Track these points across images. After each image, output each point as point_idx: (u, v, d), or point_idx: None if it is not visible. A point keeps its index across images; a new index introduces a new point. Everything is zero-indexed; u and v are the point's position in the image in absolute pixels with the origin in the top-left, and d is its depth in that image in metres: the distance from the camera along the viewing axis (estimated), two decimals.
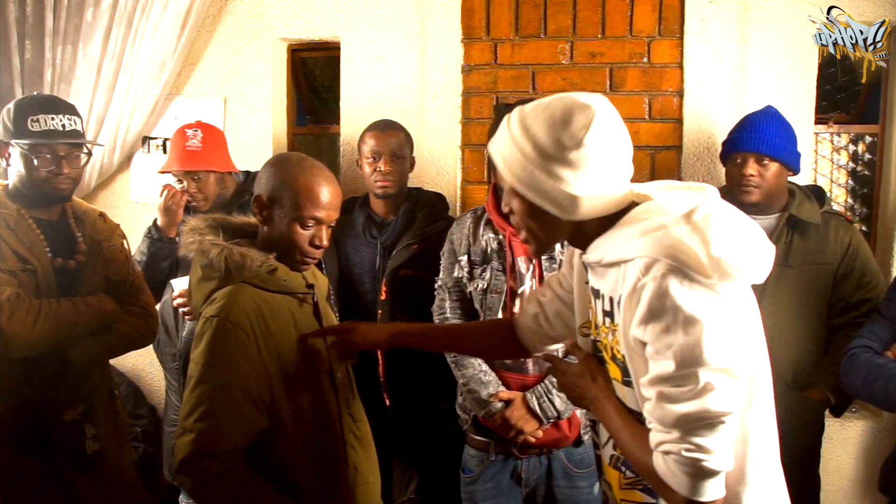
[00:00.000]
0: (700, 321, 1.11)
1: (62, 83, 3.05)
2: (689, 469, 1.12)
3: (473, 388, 2.13)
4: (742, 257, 1.14)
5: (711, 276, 1.12)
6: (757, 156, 2.22)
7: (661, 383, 1.14)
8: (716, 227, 1.14)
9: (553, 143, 1.20)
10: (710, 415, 1.11)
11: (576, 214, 1.23)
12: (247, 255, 1.56)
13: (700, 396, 1.11)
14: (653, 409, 1.16)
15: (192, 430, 1.46)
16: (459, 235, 2.26)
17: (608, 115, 1.23)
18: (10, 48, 3.02)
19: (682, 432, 1.12)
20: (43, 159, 2.01)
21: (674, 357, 1.12)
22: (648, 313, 1.14)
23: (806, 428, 2.30)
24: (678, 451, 1.12)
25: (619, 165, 1.24)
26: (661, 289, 1.13)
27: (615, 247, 1.22)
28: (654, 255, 1.15)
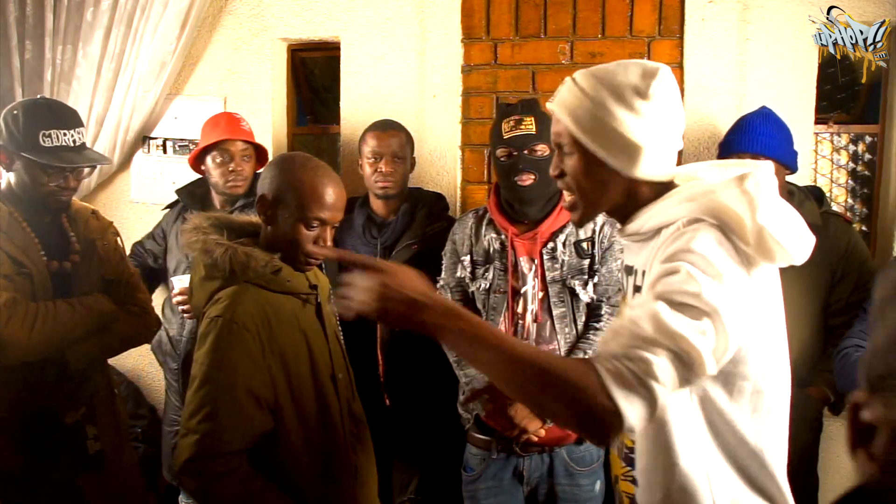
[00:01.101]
0: (726, 277, 1.08)
1: (62, 83, 3.05)
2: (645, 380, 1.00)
3: (476, 387, 2.13)
4: (784, 233, 1.12)
5: (751, 244, 1.10)
6: (753, 156, 2.23)
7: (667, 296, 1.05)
8: (765, 197, 1.12)
9: (625, 89, 1.21)
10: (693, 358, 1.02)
11: (634, 168, 1.22)
12: (251, 255, 1.56)
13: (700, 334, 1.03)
14: (640, 314, 1.05)
15: (196, 430, 1.46)
16: (461, 235, 2.26)
17: (672, 78, 1.26)
18: (10, 48, 3.02)
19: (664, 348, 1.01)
20: (52, 176, 2.00)
21: (697, 286, 1.05)
22: (680, 250, 1.10)
23: (805, 426, 2.30)
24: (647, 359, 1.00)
25: (677, 127, 1.26)
26: (698, 236, 1.11)
27: (657, 213, 1.22)
28: (698, 215, 1.15)
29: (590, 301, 2.13)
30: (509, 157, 2.12)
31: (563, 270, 2.13)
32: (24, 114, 2.00)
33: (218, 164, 2.55)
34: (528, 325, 2.14)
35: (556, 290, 2.13)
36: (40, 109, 2.04)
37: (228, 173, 2.54)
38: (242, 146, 2.58)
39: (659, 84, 1.22)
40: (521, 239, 2.17)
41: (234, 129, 2.60)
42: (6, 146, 2.00)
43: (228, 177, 2.54)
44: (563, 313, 2.13)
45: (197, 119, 2.85)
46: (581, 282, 2.12)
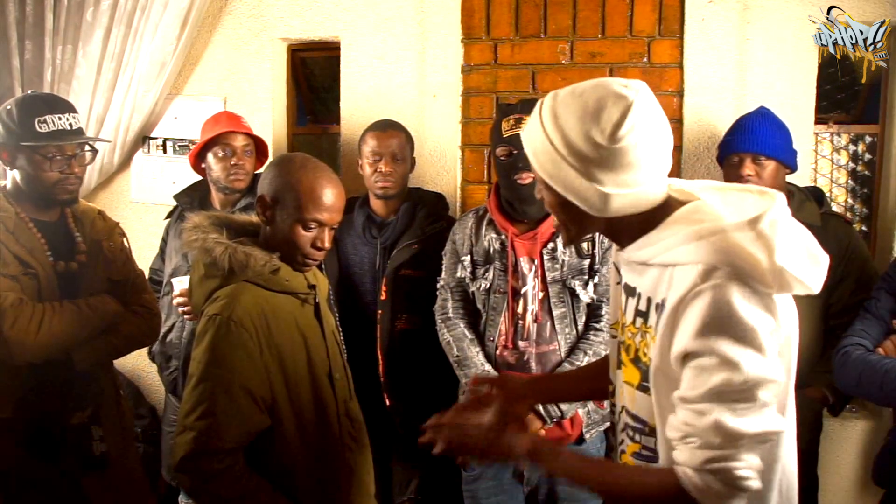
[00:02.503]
0: (761, 335, 1.08)
1: (62, 83, 3.05)
2: (734, 486, 1.07)
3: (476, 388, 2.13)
4: (802, 267, 1.10)
5: (772, 285, 1.08)
6: (753, 156, 2.24)
7: (719, 398, 1.07)
8: (782, 236, 1.09)
9: (583, 139, 1.13)
10: (769, 433, 1.09)
11: (606, 212, 1.16)
12: (251, 254, 1.57)
13: (761, 412, 1.08)
14: (702, 423, 1.08)
15: (193, 428, 1.46)
16: (462, 235, 2.26)
17: (645, 106, 1.14)
18: (10, 48, 3.02)
19: (740, 449, 1.07)
20: (54, 161, 2.00)
21: (740, 372, 1.06)
22: (710, 324, 1.08)
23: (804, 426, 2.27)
24: (730, 467, 1.07)
25: (655, 161, 1.15)
26: (723, 299, 1.08)
27: (665, 248, 1.16)
28: (713, 261, 1.10)
29: (590, 301, 2.13)
30: (509, 155, 2.12)
31: (564, 270, 2.13)
32: (18, 106, 2.02)
33: (220, 159, 2.55)
34: (528, 325, 2.14)
35: (557, 290, 2.13)
36: (32, 99, 2.06)
37: (230, 167, 2.54)
38: (244, 141, 2.58)
39: (628, 124, 1.11)
40: (521, 239, 2.17)
41: (235, 123, 2.60)
42: (5, 142, 2.01)
43: (230, 171, 2.54)
44: (564, 313, 2.13)
45: (197, 119, 2.85)
46: (581, 282, 2.12)
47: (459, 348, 2.19)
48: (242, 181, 2.57)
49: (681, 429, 1.11)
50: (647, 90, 1.16)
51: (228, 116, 2.67)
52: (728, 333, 1.07)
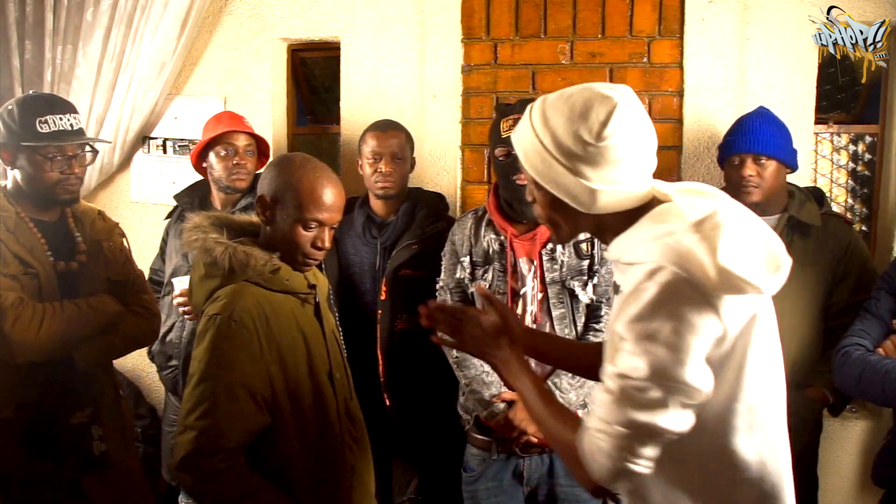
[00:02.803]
0: (686, 338, 1.11)
1: (62, 83, 3.05)
2: (615, 463, 1.14)
3: (476, 388, 2.13)
4: (750, 268, 1.11)
5: (716, 286, 1.10)
6: (754, 156, 2.24)
7: (625, 380, 1.14)
8: (725, 237, 1.12)
9: (571, 137, 1.18)
10: (658, 430, 1.13)
11: (594, 208, 1.21)
12: (251, 254, 1.57)
13: (657, 410, 1.12)
14: (607, 400, 1.16)
15: (194, 427, 1.47)
16: (461, 236, 2.26)
17: (630, 107, 1.19)
18: (10, 48, 3.02)
19: (626, 434, 1.13)
20: (55, 161, 2.01)
21: (648, 364, 1.12)
22: (640, 314, 1.13)
23: (804, 427, 2.30)
24: (614, 447, 1.14)
25: (639, 160, 1.21)
26: (660, 296, 1.12)
27: (631, 248, 1.21)
28: (661, 261, 1.14)
29: (589, 302, 2.13)
30: (507, 155, 2.12)
31: (563, 271, 2.13)
32: (19, 106, 2.02)
33: (222, 158, 2.55)
34: (528, 326, 2.13)
35: (556, 290, 2.13)
36: (34, 100, 2.07)
37: (232, 167, 2.54)
38: (246, 140, 2.58)
39: (614, 124, 1.16)
40: (520, 240, 2.17)
41: (237, 122, 2.60)
42: (6, 142, 2.01)
43: (232, 170, 2.54)
44: (563, 314, 2.12)
45: (197, 119, 2.86)
46: (580, 283, 2.12)
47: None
48: (244, 181, 2.57)
49: (593, 395, 1.22)
50: (631, 93, 1.21)
51: (230, 116, 2.67)
52: (649, 329, 1.12)
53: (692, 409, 1.14)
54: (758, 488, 1.22)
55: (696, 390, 1.12)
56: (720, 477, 1.22)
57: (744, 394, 1.19)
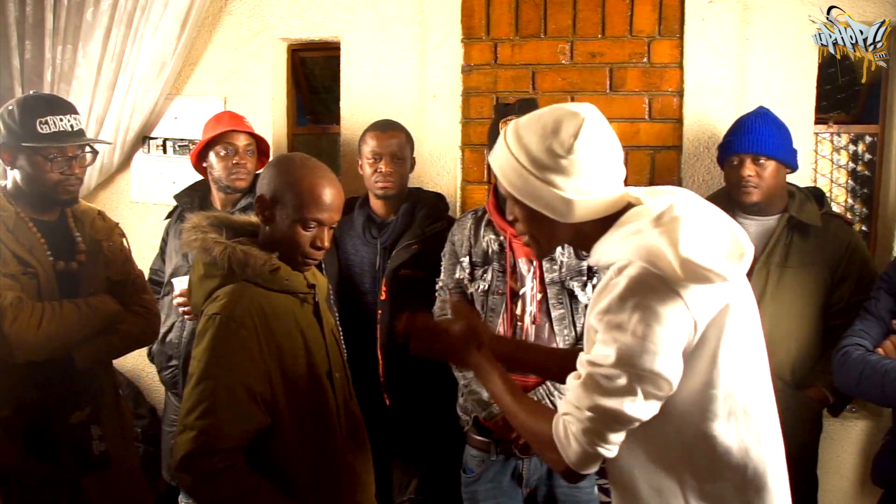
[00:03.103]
0: (652, 328, 1.17)
1: (62, 83, 3.05)
2: (585, 447, 1.22)
3: (475, 389, 2.13)
4: (713, 257, 1.17)
5: (681, 276, 1.15)
6: (753, 156, 2.24)
7: (594, 368, 1.21)
8: (684, 229, 1.18)
9: (545, 152, 1.26)
10: (624, 416, 1.19)
11: (571, 217, 1.28)
12: (250, 253, 1.57)
13: (623, 396, 1.19)
14: (577, 385, 1.24)
15: (193, 427, 1.46)
16: (460, 237, 2.26)
17: (596, 121, 1.28)
18: (10, 48, 3.02)
19: (593, 419, 1.20)
20: (55, 162, 2.00)
21: (616, 352, 1.18)
22: (609, 306, 1.20)
23: (804, 427, 2.30)
24: (582, 430, 1.21)
25: (609, 169, 1.29)
26: (627, 289, 1.19)
27: (605, 251, 1.29)
28: (629, 257, 1.22)
29: (588, 302, 2.12)
30: None
31: (562, 272, 2.13)
32: (19, 106, 2.02)
33: (222, 158, 2.55)
34: (527, 326, 2.14)
35: (555, 291, 2.13)
36: (34, 100, 2.06)
37: (232, 167, 2.54)
38: (246, 140, 2.58)
39: (582, 137, 1.24)
40: (519, 240, 2.16)
41: (237, 122, 2.60)
42: (6, 142, 2.01)
43: (232, 170, 2.54)
44: (562, 315, 2.12)
45: (197, 119, 2.86)
46: (580, 283, 2.12)
47: None
48: (244, 181, 2.56)
49: (568, 383, 1.29)
50: (596, 111, 1.31)
51: (231, 116, 2.67)
52: (617, 319, 1.19)
53: (657, 398, 1.20)
54: (741, 474, 1.26)
55: (663, 379, 1.18)
56: (703, 462, 1.27)
57: (720, 381, 1.23)
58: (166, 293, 2.61)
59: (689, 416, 1.24)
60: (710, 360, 1.22)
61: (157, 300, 2.52)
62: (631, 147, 2.71)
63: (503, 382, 1.41)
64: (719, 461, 1.25)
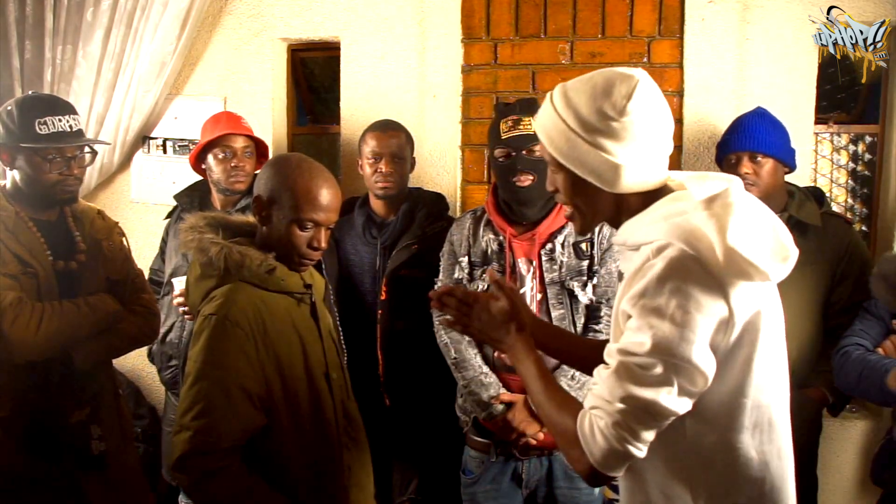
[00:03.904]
0: (692, 315, 1.11)
1: (62, 83, 3.05)
2: (614, 444, 1.13)
3: (474, 389, 2.13)
4: (758, 252, 1.11)
5: (723, 266, 1.10)
6: (750, 154, 2.24)
7: (628, 356, 1.14)
8: (735, 218, 1.12)
9: (595, 113, 1.20)
10: (658, 409, 1.12)
11: (618, 185, 1.22)
12: (246, 254, 1.57)
13: (659, 387, 1.12)
14: (608, 376, 1.16)
15: (190, 427, 1.47)
16: (459, 236, 2.26)
17: (650, 86, 1.22)
18: (10, 48, 3.02)
19: (624, 410, 1.13)
20: (54, 162, 2.01)
21: (652, 338, 1.11)
22: (646, 289, 1.14)
23: (804, 427, 2.29)
24: (612, 424, 1.13)
25: (660, 136, 1.23)
26: (666, 271, 1.13)
27: (639, 229, 1.22)
28: (669, 238, 1.15)
29: (589, 303, 2.12)
30: (507, 157, 2.12)
31: (562, 272, 2.13)
32: (18, 107, 2.02)
33: (220, 161, 2.55)
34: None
35: (555, 291, 2.13)
36: (33, 100, 2.07)
37: (231, 169, 2.54)
38: (244, 142, 2.58)
39: (636, 100, 1.19)
40: (519, 240, 2.17)
41: (235, 124, 2.60)
42: (5, 143, 2.01)
43: (231, 173, 2.54)
44: (562, 315, 2.12)
45: (197, 119, 2.86)
46: (580, 283, 2.12)
47: (457, 350, 2.18)
48: (243, 183, 2.57)
49: (595, 375, 1.22)
50: (649, 76, 1.24)
51: (228, 117, 2.67)
52: (654, 303, 1.12)
53: (691, 394, 1.14)
54: (758, 488, 1.21)
55: (699, 371, 1.12)
56: (721, 473, 1.21)
57: (751, 390, 1.19)
58: (166, 293, 2.61)
59: (715, 423, 1.19)
60: (744, 366, 1.17)
61: (157, 300, 2.53)
62: None
63: (537, 370, 1.33)
64: (738, 474, 1.20)
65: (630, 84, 1.20)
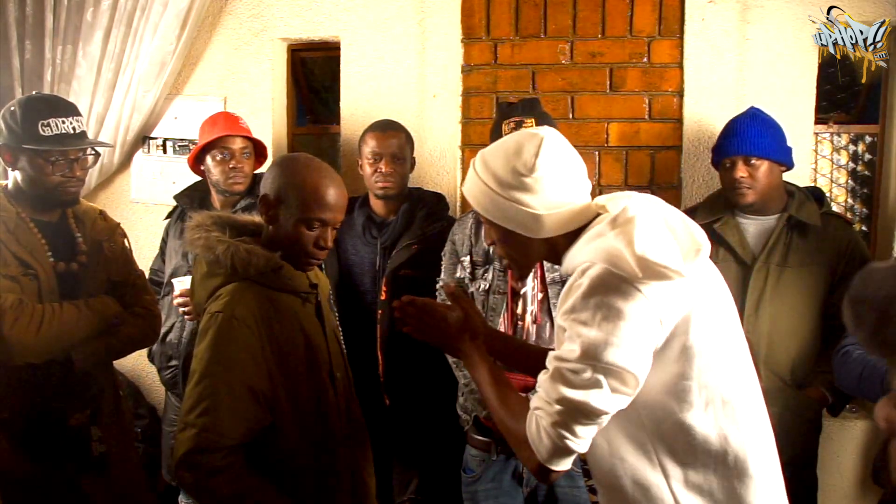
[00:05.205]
0: (615, 324, 1.21)
1: (62, 83, 3.05)
2: (554, 441, 1.24)
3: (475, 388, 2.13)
4: (666, 254, 1.22)
5: (639, 274, 1.21)
6: (744, 157, 2.24)
7: (561, 363, 1.25)
8: (638, 228, 1.24)
9: (510, 173, 1.34)
10: (589, 409, 1.22)
11: (541, 232, 1.35)
12: (253, 252, 1.57)
13: (588, 389, 1.22)
14: (546, 380, 1.28)
15: (194, 424, 1.46)
16: (461, 236, 2.26)
17: (555, 141, 1.36)
18: (10, 48, 3.02)
19: (561, 410, 1.23)
20: (57, 164, 2.00)
21: (580, 346, 1.23)
22: (574, 305, 1.26)
23: (804, 427, 2.30)
24: (551, 423, 1.24)
25: (571, 183, 1.36)
26: (590, 288, 1.24)
27: (574, 258, 1.34)
28: (591, 258, 1.28)
29: None
30: None
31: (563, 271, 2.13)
32: (21, 108, 2.01)
33: (218, 162, 2.55)
34: (528, 325, 2.13)
35: (556, 290, 2.13)
36: (36, 102, 2.05)
37: (229, 170, 2.54)
38: (242, 143, 2.58)
39: (542, 156, 1.32)
40: None
41: (233, 125, 2.60)
42: (8, 143, 2.00)
43: (229, 174, 2.54)
44: None
45: (197, 119, 2.85)
46: None
47: None
48: (241, 184, 2.56)
49: (539, 378, 1.32)
50: (555, 132, 1.40)
51: (226, 118, 2.67)
52: (582, 316, 1.24)
53: (624, 392, 1.24)
54: (721, 461, 1.29)
55: (628, 373, 1.22)
56: (685, 452, 1.30)
57: (694, 372, 1.27)
58: (166, 293, 2.61)
59: (666, 406, 1.28)
60: (679, 353, 1.26)
61: (158, 300, 2.52)
62: (631, 147, 2.71)
63: (490, 375, 1.43)
64: (699, 449, 1.28)
65: (536, 142, 1.34)
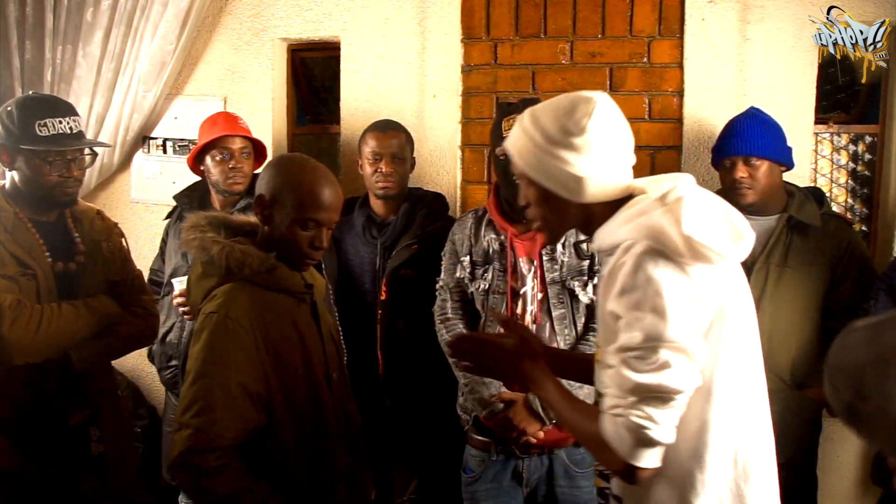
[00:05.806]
0: (668, 300, 1.20)
1: (62, 83, 3.05)
2: (635, 434, 1.21)
3: (475, 388, 2.13)
4: (713, 237, 1.22)
5: (684, 254, 1.21)
6: (744, 158, 2.24)
7: (626, 352, 1.23)
8: (687, 208, 1.24)
9: (559, 130, 1.32)
10: (665, 389, 1.20)
11: (581, 196, 1.33)
12: (248, 252, 1.57)
13: (659, 371, 1.20)
14: (614, 374, 1.25)
15: (189, 424, 1.47)
16: (461, 236, 2.26)
17: (609, 106, 1.35)
18: (10, 48, 3.03)
19: (637, 400, 1.21)
20: (54, 164, 2.00)
21: (641, 330, 1.21)
22: (623, 287, 1.24)
23: (804, 427, 2.30)
24: (628, 415, 1.21)
25: (619, 151, 1.35)
26: (635, 266, 1.23)
27: (610, 234, 1.33)
28: (635, 237, 1.26)
29: (589, 302, 2.12)
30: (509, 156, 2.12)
31: (563, 271, 2.13)
32: (18, 108, 2.01)
33: (218, 162, 2.55)
34: (528, 325, 2.13)
35: (556, 290, 2.13)
36: (33, 101, 2.05)
37: (229, 170, 2.54)
38: (241, 143, 2.57)
39: (595, 118, 1.31)
40: (520, 239, 2.17)
41: (232, 125, 2.60)
42: (5, 143, 2.00)
43: (229, 174, 2.54)
44: (563, 314, 2.12)
45: (197, 119, 2.85)
46: (580, 283, 2.12)
47: None
48: (241, 184, 2.56)
49: (602, 380, 1.31)
50: (609, 98, 1.37)
51: (225, 118, 2.67)
52: (634, 297, 1.23)
53: (692, 368, 1.22)
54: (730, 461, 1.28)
55: (691, 347, 1.21)
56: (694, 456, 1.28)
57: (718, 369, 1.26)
58: (166, 293, 2.61)
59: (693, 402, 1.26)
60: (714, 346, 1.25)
61: (157, 300, 2.52)
62: None
63: (559, 394, 1.41)
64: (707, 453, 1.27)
65: (590, 105, 1.32)
